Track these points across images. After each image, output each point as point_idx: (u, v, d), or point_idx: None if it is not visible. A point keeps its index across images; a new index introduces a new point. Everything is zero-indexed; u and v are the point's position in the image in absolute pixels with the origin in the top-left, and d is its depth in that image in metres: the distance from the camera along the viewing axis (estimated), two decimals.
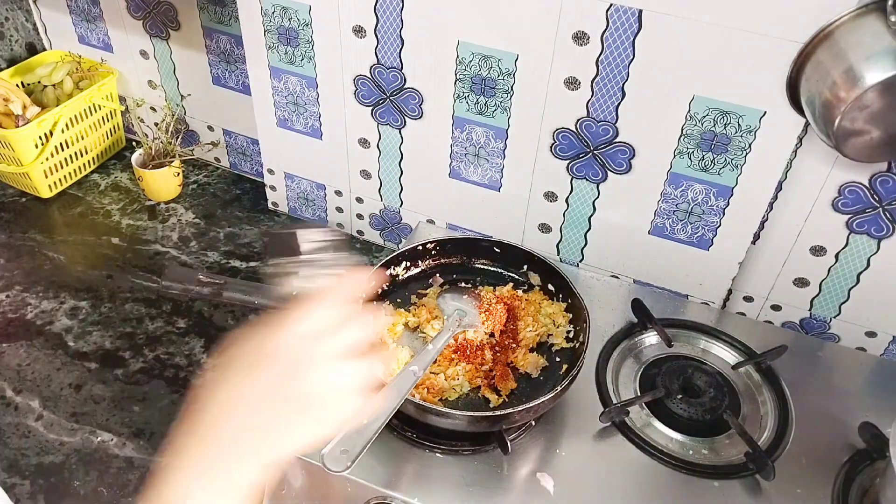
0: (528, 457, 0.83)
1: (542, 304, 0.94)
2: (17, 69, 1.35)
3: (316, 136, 1.17)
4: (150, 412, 0.97)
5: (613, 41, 0.85)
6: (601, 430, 0.86)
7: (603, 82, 0.89)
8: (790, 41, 0.77)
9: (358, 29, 0.99)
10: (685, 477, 0.81)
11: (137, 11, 1.26)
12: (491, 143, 1.02)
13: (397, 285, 0.96)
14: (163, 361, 1.04)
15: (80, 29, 1.36)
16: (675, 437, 0.85)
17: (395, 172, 1.14)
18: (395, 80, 1.02)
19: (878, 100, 0.70)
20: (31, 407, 0.97)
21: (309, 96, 1.11)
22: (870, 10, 0.71)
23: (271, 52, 1.09)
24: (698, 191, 0.94)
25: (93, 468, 0.90)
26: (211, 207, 1.33)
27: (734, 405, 0.89)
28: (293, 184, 1.27)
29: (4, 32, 1.36)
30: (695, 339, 0.98)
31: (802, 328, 1.05)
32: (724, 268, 1.01)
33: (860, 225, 0.90)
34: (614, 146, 0.95)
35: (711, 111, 0.86)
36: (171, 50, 1.28)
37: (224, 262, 1.21)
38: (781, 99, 0.81)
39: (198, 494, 0.47)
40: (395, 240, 1.25)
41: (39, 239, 1.24)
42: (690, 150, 0.91)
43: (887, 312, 0.97)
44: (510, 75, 0.94)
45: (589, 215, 1.04)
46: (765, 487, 0.80)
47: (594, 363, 0.92)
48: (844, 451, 0.84)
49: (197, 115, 1.37)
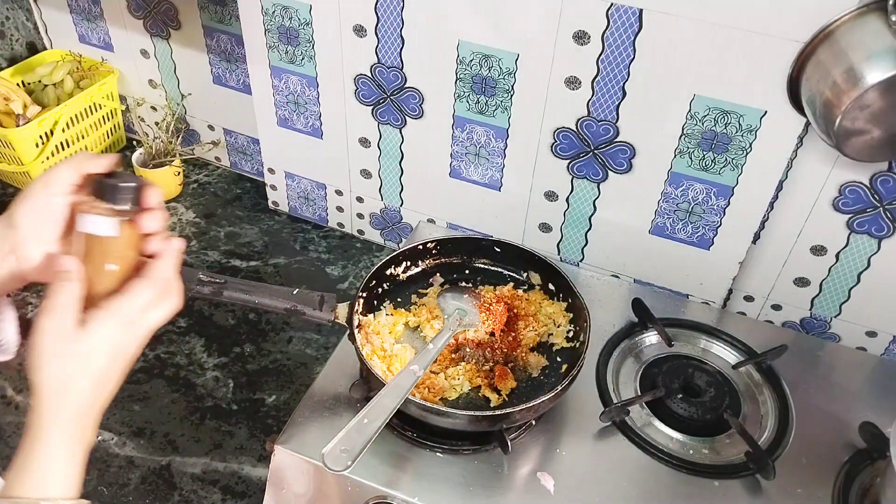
0: (528, 456, 0.83)
1: (542, 304, 0.94)
2: (17, 68, 1.35)
3: (316, 136, 1.17)
4: (151, 411, 0.97)
5: (614, 41, 0.85)
6: (601, 430, 0.86)
7: (603, 82, 0.89)
8: (791, 41, 0.77)
9: (358, 28, 0.99)
10: (685, 476, 0.81)
11: (138, 11, 1.26)
12: (491, 142, 1.02)
13: (397, 285, 0.96)
14: (163, 360, 1.04)
15: (80, 28, 1.36)
16: (676, 436, 0.85)
17: (396, 172, 1.14)
18: (395, 80, 1.02)
19: (878, 99, 0.70)
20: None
21: (309, 95, 1.11)
22: (870, 9, 0.71)
23: (272, 52, 1.09)
24: (699, 190, 0.94)
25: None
26: (211, 207, 1.33)
27: (734, 405, 0.89)
28: (294, 183, 1.27)
29: (5, 32, 1.36)
30: (695, 339, 0.98)
31: (803, 328, 1.05)
32: (725, 267, 1.01)
33: (861, 224, 0.90)
34: (615, 146, 0.95)
35: (712, 111, 0.86)
36: (171, 49, 1.28)
37: (224, 262, 1.21)
38: (782, 98, 0.81)
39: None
40: (396, 239, 1.25)
41: None
42: (691, 149, 0.91)
43: (888, 312, 0.97)
44: (511, 75, 0.94)
45: (589, 215, 1.04)
46: (765, 487, 0.80)
47: (594, 363, 0.93)
48: (845, 450, 0.84)
49: (197, 115, 1.37)
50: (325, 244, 1.26)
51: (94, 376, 0.58)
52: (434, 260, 0.99)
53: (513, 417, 0.78)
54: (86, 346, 0.57)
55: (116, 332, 0.58)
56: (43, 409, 0.57)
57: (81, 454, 0.58)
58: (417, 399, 0.77)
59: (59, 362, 0.57)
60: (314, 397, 0.86)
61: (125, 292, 0.59)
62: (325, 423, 0.83)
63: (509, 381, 0.85)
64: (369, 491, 0.78)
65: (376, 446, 0.69)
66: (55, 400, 0.57)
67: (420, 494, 0.77)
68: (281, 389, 1.00)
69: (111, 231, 0.59)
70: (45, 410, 0.57)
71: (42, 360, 0.57)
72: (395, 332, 0.90)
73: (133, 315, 0.59)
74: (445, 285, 0.97)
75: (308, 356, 1.05)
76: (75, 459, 0.58)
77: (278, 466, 0.82)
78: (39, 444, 0.56)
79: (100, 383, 0.58)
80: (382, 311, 0.92)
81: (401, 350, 0.87)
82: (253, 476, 0.90)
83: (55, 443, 0.57)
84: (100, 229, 0.59)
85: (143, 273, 0.61)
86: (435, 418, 0.78)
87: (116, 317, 0.58)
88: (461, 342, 0.88)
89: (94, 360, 0.57)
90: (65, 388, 0.57)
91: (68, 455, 0.57)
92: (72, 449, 0.57)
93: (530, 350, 0.89)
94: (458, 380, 0.84)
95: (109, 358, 0.58)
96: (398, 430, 0.83)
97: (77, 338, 0.57)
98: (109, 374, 0.59)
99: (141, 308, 0.59)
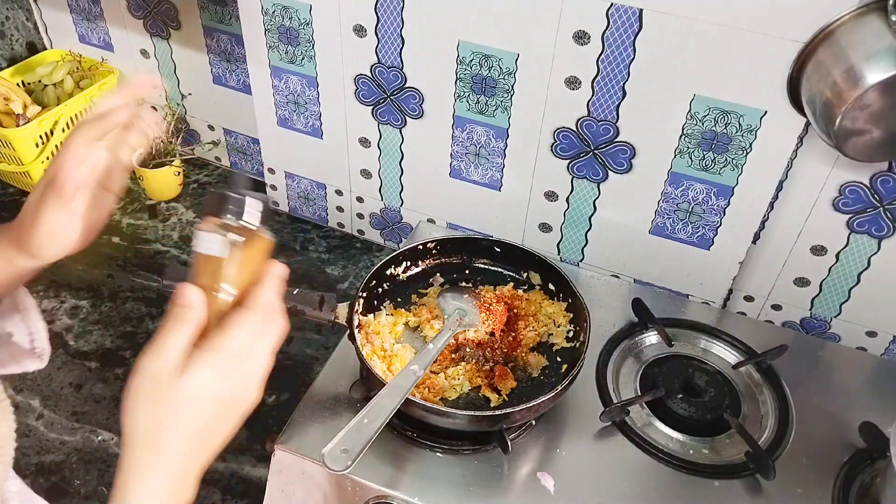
0: (528, 456, 0.83)
1: (542, 304, 0.94)
2: (17, 68, 1.35)
3: (316, 136, 1.17)
4: None
5: (614, 40, 0.85)
6: (601, 430, 0.86)
7: (603, 82, 0.89)
8: (791, 40, 0.77)
9: (358, 28, 0.99)
10: (685, 476, 0.81)
11: (138, 11, 1.26)
12: (491, 142, 1.02)
13: (397, 285, 0.96)
14: None
15: (80, 28, 1.36)
16: (676, 436, 0.85)
17: (396, 172, 1.14)
18: (395, 80, 1.02)
19: (878, 99, 0.70)
20: (31, 406, 0.97)
21: (309, 95, 1.11)
22: (870, 9, 0.71)
23: (272, 52, 1.09)
24: (699, 190, 0.94)
25: (93, 467, 0.90)
26: None
27: (734, 405, 0.89)
28: (294, 183, 1.27)
29: (5, 32, 1.36)
30: (695, 339, 0.98)
31: (803, 328, 1.05)
32: (725, 267, 1.01)
33: (861, 224, 0.90)
34: (615, 145, 0.95)
35: (712, 111, 0.86)
36: (171, 49, 1.28)
37: None
38: (782, 98, 0.81)
39: None
40: (396, 239, 1.25)
41: None
42: (691, 149, 0.91)
43: (888, 312, 0.97)
44: (511, 74, 0.94)
45: (589, 215, 1.04)
46: (765, 487, 0.80)
47: (594, 363, 0.93)
48: (845, 450, 0.84)
49: (197, 115, 1.37)
50: (325, 244, 1.26)
51: (192, 429, 0.50)
52: (434, 260, 0.99)
53: (513, 417, 0.77)
54: (184, 392, 0.50)
55: (220, 375, 0.51)
56: (133, 460, 0.50)
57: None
58: (417, 399, 0.77)
59: (153, 407, 0.50)
60: (314, 397, 0.86)
61: (227, 327, 0.51)
62: (325, 423, 0.83)
63: (509, 381, 0.85)
64: (369, 491, 0.78)
65: (376, 446, 0.69)
66: (146, 451, 0.50)
67: (420, 494, 0.77)
68: (281, 389, 1.00)
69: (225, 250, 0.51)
70: (135, 462, 0.50)
71: (135, 402, 0.50)
72: (395, 332, 0.90)
73: (238, 352, 0.52)
74: (445, 285, 0.97)
75: (308, 356, 1.05)
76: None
77: (278, 466, 0.82)
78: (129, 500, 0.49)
79: (201, 437, 0.51)
80: (382, 311, 0.92)
81: (401, 350, 0.87)
82: (253, 476, 0.90)
83: (147, 498, 0.49)
84: (212, 247, 0.51)
85: (244, 303, 0.53)
86: (435, 418, 0.78)
87: (219, 356, 0.51)
88: (461, 342, 0.88)
89: (195, 412, 0.50)
90: (159, 439, 0.50)
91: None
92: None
93: (530, 350, 0.89)
94: (458, 380, 0.84)
95: (213, 407, 0.51)
96: (398, 430, 0.83)
97: (175, 383, 0.49)
98: (215, 425, 0.52)
99: (247, 344, 0.52)
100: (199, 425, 0.50)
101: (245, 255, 0.53)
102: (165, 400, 0.49)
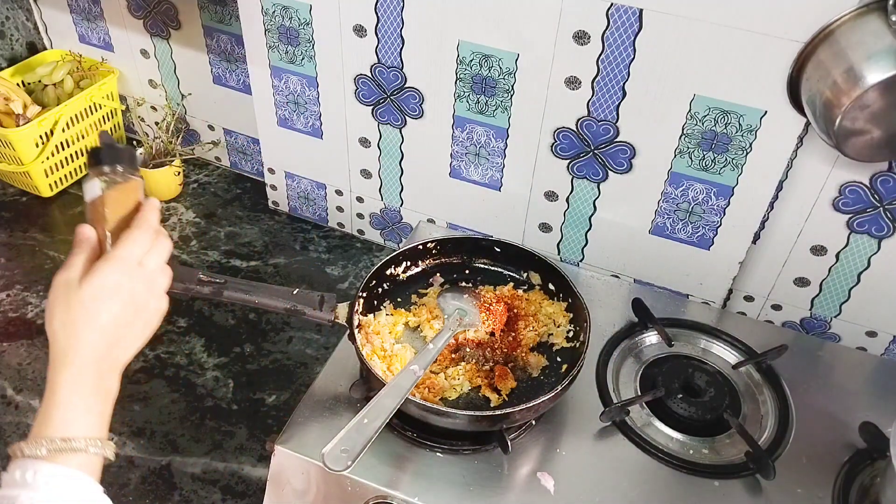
0: (528, 456, 0.83)
1: (542, 304, 0.94)
2: (17, 68, 1.35)
3: (316, 136, 1.17)
4: (151, 411, 0.97)
5: (614, 40, 0.85)
6: (601, 430, 0.86)
7: (603, 82, 0.89)
8: (791, 40, 0.77)
9: (358, 28, 0.99)
10: (685, 476, 0.81)
11: (138, 11, 1.26)
12: (491, 142, 1.02)
13: (397, 285, 0.96)
14: (163, 360, 1.04)
15: (80, 28, 1.36)
16: (676, 436, 0.85)
17: (396, 172, 1.14)
18: (395, 80, 1.02)
19: (878, 99, 0.70)
20: (31, 406, 0.97)
21: (309, 95, 1.11)
22: (870, 9, 0.71)
23: (272, 52, 1.09)
24: (699, 190, 0.94)
25: None
26: (211, 207, 1.33)
27: (734, 405, 0.89)
28: (294, 183, 1.27)
29: (5, 31, 1.36)
30: (695, 339, 0.98)
31: (803, 328, 1.05)
32: (725, 267, 1.01)
33: (861, 224, 0.90)
34: (615, 146, 0.95)
35: (712, 111, 0.86)
36: (171, 49, 1.28)
37: (224, 262, 1.21)
38: (782, 98, 0.81)
39: None
40: (396, 239, 1.25)
41: (40, 238, 1.24)
42: (691, 149, 0.91)
43: (888, 312, 0.97)
44: (511, 74, 0.94)
45: (589, 215, 1.04)
46: (765, 487, 0.80)
47: (594, 363, 0.93)
48: (845, 450, 0.84)
49: (197, 115, 1.37)
50: (325, 244, 1.27)
51: (102, 322, 0.59)
52: (434, 260, 0.99)
53: (513, 417, 0.78)
54: (88, 292, 0.59)
55: (117, 276, 0.61)
56: (55, 359, 0.58)
57: (101, 403, 0.59)
58: (417, 399, 0.77)
59: (65, 310, 0.59)
60: (314, 397, 0.86)
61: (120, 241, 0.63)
62: (325, 423, 0.83)
63: (509, 381, 0.85)
64: (369, 491, 0.78)
65: (376, 446, 0.69)
66: (64, 348, 0.58)
67: (420, 494, 0.77)
68: (281, 389, 1.00)
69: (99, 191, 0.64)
70: (56, 359, 0.58)
71: (51, 311, 0.59)
72: (395, 332, 0.90)
73: (132, 260, 0.62)
74: (445, 285, 0.97)
75: (308, 356, 1.05)
76: (96, 408, 0.58)
77: (278, 466, 0.82)
78: (54, 393, 0.57)
79: (110, 330, 0.60)
80: (382, 311, 0.92)
81: (401, 350, 0.87)
82: (253, 476, 0.90)
83: (69, 390, 0.57)
84: (93, 191, 0.65)
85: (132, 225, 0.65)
86: (435, 418, 0.78)
87: (115, 262, 0.61)
88: (461, 342, 0.88)
89: (100, 307, 0.59)
90: (74, 336, 0.58)
91: (87, 404, 0.58)
92: (89, 397, 0.58)
93: (530, 350, 0.89)
94: (458, 380, 0.84)
95: (117, 304, 0.60)
96: (398, 430, 0.83)
97: (80, 286, 0.59)
98: (121, 321, 0.60)
99: (138, 255, 0.63)
100: (108, 318, 0.60)
101: (121, 192, 0.65)
102: (75, 301, 0.59)
